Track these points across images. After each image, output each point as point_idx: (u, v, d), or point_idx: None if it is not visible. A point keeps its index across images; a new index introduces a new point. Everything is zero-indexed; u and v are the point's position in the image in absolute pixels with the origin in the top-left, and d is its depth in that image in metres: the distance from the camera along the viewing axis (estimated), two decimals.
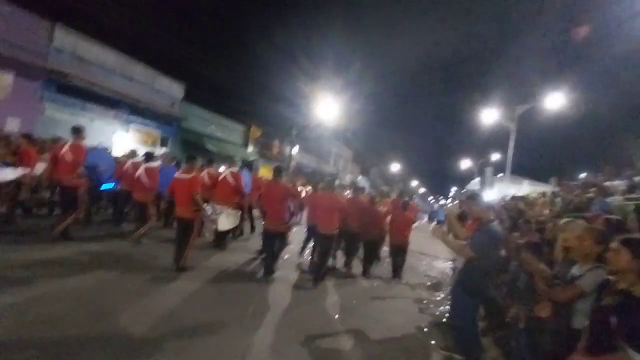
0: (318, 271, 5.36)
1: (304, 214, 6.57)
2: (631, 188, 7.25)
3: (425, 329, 4.23)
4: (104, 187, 6.81)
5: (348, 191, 8.37)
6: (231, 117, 20.27)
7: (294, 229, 6.12)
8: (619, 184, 8.17)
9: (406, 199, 7.27)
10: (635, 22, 9.78)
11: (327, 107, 20.06)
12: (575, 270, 2.22)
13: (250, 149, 21.95)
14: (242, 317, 3.60)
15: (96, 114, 12.41)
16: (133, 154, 7.56)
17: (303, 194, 7.60)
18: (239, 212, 6.38)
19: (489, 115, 18.76)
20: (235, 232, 7.19)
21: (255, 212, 7.49)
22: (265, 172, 23.29)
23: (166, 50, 15.97)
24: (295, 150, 24.44)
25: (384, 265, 7.16)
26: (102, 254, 4.93)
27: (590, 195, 7.73)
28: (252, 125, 21.91)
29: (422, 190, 65.86)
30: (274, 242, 5.11)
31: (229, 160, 8.17)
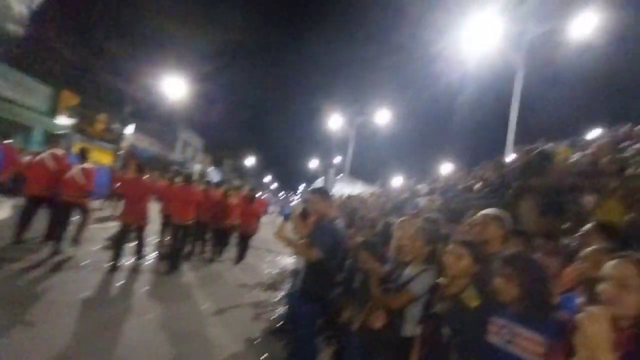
0: (173, 259, 5.72)
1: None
2: (431, 191, 9.12)
3: (257, 340, 3.79)
4: None
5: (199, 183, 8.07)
6: (32, 74, 14.91)
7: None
8: (422, 187, 10.25)
9: (254, 193, 8.13)
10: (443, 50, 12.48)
11: (176, 86, 17.47)
12: (407, 272, 2.18)
13: (61, 119, 16.76)
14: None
15: None
16: None
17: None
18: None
19: (335, 121, 20.81)
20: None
21: None
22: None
23: None
24: (130, 130, 20.35)
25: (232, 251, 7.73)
26: None
27: (406, 195, 9.33)
28: (63, 90, 16.77)
29: (274, 185, 68.05)
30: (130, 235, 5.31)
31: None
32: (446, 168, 15.88)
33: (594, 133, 7.59)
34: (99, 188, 7.77)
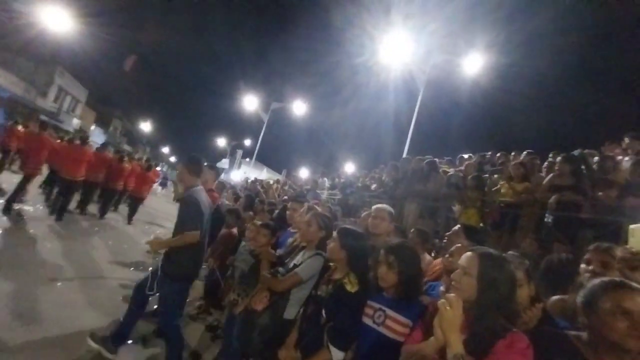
0: (60, 209, 6.35)
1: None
2: (332, 186, 9.60)
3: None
4: None
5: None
6: None
7: None
8: (325, 181, 10.72)
9: (152, 162, 9.58)
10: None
11: (58, 17, 13.81)
12: (299, 257, 2.17)
13: None
14: None
15: None
16: None
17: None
18: None
19: (250, 102, 20.00)
20: None
21: None
22: None
23: None
24: None
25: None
26: None
27: (308, 187, 9.60)
28: None
29: (173, 158, 62.03)
30: None
31: None
32: (349, 167, 17.00)
33: (467, 155, 9.17)
34: None
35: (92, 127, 32.16)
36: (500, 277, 1.20)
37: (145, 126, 42.74)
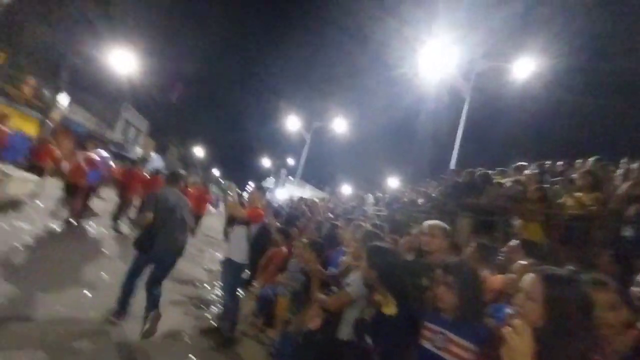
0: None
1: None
2: (377, 201, 9.46)
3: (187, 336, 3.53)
4: None
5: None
6: None
7: None
8: (370, 197, 10.60)
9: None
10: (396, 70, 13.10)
11: (124, 59, 15.85)
12: (351, 276, 2.16)
13: None
14: None
15: None
16: None
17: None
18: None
19: (293, 123, 20.69)
20: None
21: None
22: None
23: None
24: (64, 100, 18.11)
25: None
26: None
27: (353, 203, 9.56)
28: None
29: (222, 180, 65.57)
30: None
31: None
32: (393, 182, 16.65)
33: (523, 165, 8.52)
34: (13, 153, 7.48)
35: (152, 154, 35.32)
36: (569, 301, 1.07)
37: (198, 151, 45.93)
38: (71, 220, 6.51)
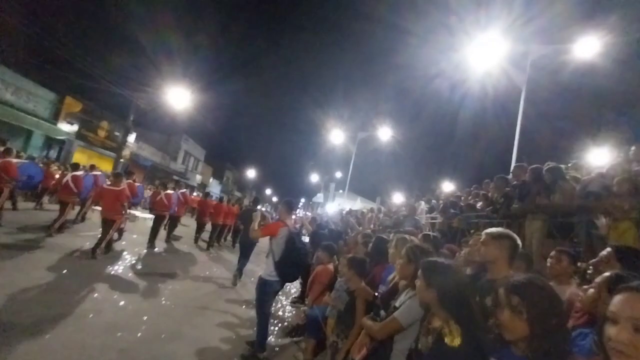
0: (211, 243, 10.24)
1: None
2: (431, 209, 8.81)
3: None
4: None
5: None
6: (35, 79, 14.94)
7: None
8: (422, 204, 9.92)
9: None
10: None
11: (179, 96, 17.41)
12: (402, 297, 1.88)
13: (63, 126, 16.73)
14: None
15: None
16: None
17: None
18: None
19: (337, 136, 20.67)
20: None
21: None
22: (83, 159, 18.28)
23: None
24: (132, 138, 20.30)
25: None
26: None
27: (404, 212, 9.01)
28: (67, 96, 16.77)
29: (275, 199, 67.79)
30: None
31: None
32: (447, 186, 15.56)
33: (597, 154, 7.35)
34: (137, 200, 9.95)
35: (210, 180, 37.82)
36: None
37: (251, 173, 48.21)
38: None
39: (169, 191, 9.29)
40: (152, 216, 8.73)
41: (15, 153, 7.86)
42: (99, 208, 7.11)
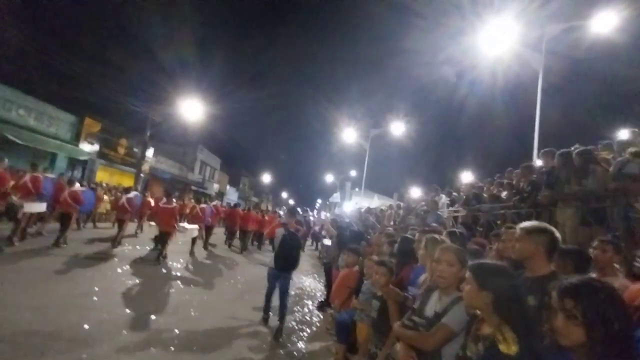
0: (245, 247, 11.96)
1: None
2: (452, 202, 8.59)
3: None
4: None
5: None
6: (55, 103, 15.53)
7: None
8: (440, 197, 9.68)
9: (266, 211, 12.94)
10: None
11: (193, 108, 17.74)
12: (434, 303, 1.81)
13: (85, 146, 17.33)
14: None
15: None
16: None
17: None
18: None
19: (349, 135, 20.55)
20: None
21: None
22: (105, 177, 18.89)
23: None
24: (150, 153, 20.82)
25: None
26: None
27: (425, 207, 8.82)
28: (86, 117, 17.35)
29: (291, 201, 68.17)
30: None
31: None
32: (466, 177, 15.16)
33: (625, 134, 6.95)
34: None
35: (227, 188, 38.37)
36: None
37: (266, 178, 48.60)
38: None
39: (202, 205, 10.93)
40: (197, 226, 9.77)
41: (77, 182, 9.26)
42: (153, 223, 8.49)
